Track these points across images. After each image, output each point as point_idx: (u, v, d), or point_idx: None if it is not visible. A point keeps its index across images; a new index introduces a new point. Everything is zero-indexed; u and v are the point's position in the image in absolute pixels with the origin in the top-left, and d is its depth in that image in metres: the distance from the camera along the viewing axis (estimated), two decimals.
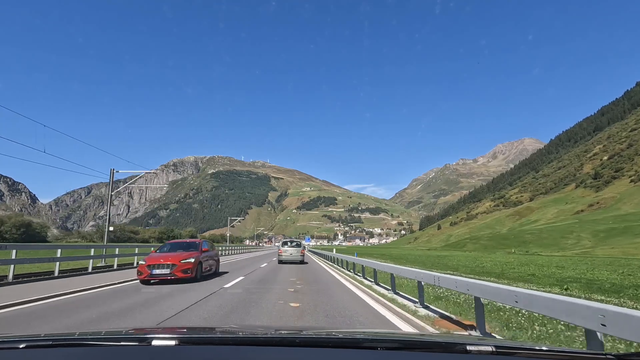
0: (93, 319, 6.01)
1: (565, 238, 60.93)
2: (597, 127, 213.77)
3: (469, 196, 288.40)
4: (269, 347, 1.38)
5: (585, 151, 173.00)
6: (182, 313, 6.39)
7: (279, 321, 5.85)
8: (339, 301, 7.90)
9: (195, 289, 9.55)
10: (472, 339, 1.62)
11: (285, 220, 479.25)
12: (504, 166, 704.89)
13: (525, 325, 5.45)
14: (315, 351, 1.33)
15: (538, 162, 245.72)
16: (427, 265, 23.57)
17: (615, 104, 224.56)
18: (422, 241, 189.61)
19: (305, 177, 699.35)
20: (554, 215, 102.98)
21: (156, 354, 1.26)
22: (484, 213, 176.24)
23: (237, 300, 7.77)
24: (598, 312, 2.68)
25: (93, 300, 7.99)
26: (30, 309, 6.91)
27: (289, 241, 23.86)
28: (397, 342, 1.40)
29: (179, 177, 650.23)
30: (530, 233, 66.10)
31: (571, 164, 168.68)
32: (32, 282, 11.16)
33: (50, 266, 14.46)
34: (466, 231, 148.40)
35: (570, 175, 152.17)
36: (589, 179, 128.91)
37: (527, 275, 16.12)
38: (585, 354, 1.26)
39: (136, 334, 1.64)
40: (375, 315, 6.49)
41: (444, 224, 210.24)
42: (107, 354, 1.28)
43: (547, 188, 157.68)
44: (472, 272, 17.76)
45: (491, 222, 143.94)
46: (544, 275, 15.83)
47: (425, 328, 5.54)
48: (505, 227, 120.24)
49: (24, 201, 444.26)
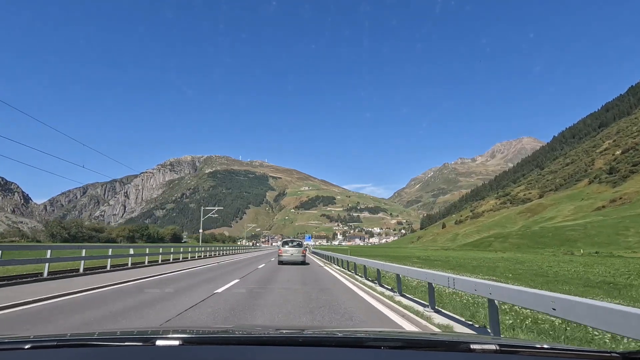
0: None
1: (622, 235, 54.09)
2: (602, 123, 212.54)
3: (471, 194, 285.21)
4: (272, 347, 1.37)
5: (593, 146, 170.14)
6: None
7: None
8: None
9: None
10: (475, 338, 1.63)
11: (283, 220, 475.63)
12: (502, 165, 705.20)
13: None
14: (319, 350, 1.33)
15: (542, 159, 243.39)
16: (486, 273, 17.63)
17: (620, 100, 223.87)
18: (426, 240, 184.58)
19: (304, 176, 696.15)
20: (572, 212, 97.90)
21: (160, 354, 1.26)
22: (490, 211, 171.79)
23: None
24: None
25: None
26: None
27: (289, 241, 23.32)
28: (401, 341, 1.39)
29: (176, 177, 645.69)
30: (572, 230, 59.30)
31: (580, 160, 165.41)
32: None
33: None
34: (474, 229, 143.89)
35: (580, 171, 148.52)
36: (603, 174, 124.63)
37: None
38: (590, 352, 1.24)
39: (140, 334, 1.63)
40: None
41: (448, 222, 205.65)
42: (111, 354, 1.28)
43: (556, 184, 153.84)
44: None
45: (500, 219, 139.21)
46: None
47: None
48: (517, 224, 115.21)
49: (17, 201, 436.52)
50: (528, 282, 12.49)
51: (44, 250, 12.68)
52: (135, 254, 18.70)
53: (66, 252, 16.53)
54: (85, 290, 8.83)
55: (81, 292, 8.58)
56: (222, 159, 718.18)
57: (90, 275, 13.02)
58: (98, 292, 8.76)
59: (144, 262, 19.47)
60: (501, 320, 4.97)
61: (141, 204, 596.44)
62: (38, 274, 12.04)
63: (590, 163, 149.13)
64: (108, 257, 15.51)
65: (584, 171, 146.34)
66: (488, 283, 4.62)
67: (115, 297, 8.09)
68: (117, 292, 8.91)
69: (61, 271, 13.13)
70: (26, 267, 13.23)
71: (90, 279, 11.64)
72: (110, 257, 15.64)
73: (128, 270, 15.55)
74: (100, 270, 14.65)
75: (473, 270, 19.38)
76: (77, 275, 12.55)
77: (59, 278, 11.61)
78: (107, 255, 15.63)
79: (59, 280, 11.00)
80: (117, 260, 17.37)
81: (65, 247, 16.65)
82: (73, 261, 14.11)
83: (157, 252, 22.01)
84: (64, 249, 16.01)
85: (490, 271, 19.01)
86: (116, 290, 9.24)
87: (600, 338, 4.22)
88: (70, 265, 14.87)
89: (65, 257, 14.15)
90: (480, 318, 5.64)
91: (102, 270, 14.54)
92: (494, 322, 4.49)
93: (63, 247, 15.96)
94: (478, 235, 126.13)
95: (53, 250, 12.60)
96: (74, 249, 16.42)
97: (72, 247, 17.25)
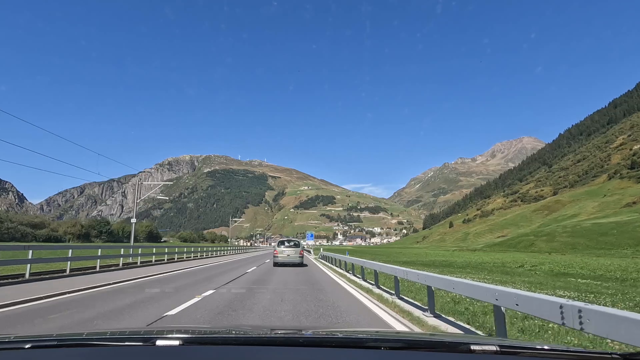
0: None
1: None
2: (611, 120, 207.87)
3: (475, 193, 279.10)
4: (272, 347, 1.37)
5: (606, 142, 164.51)
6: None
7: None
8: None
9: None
10: (476, 339, 1.59)
11: (282, 219, 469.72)
12: (503, 165, 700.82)
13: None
14: (319, 351, 1.32)
15: (548, 157, 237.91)
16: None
17: (628, 96, 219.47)
18: (433, 240, 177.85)
19: (303, 176, 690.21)
20: (597, 208, 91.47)
21: (160, 354, 1.26)
22: (500, 209, 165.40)
23: None
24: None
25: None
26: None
27: (285, 241, 22.15)
28: (401, 341, 1.37)
29: (174, 176, 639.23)
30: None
31: (593, 156, 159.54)
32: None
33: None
34: (485, 228, 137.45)
35: (596, 167, 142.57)
36: (624, 169, 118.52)
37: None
38: (590, 353, 1.23)
39: (140, 334, 1.63)
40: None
41: (455, 221, 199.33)
42: (111, 354, 1.28)
43: (570, 181, 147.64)
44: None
45: (514, 218, 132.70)
46: None
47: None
48: (534, 223, 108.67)
49: (11, 200, 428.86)
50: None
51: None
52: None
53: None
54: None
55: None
56: (220, 158, 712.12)
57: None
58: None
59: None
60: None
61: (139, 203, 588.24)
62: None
63: (606, 158, 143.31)
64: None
65: (599, 167, 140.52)
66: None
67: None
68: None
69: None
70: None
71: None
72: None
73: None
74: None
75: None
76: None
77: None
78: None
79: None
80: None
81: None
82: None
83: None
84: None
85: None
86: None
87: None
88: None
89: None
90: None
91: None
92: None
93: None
94: (491, 235, 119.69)
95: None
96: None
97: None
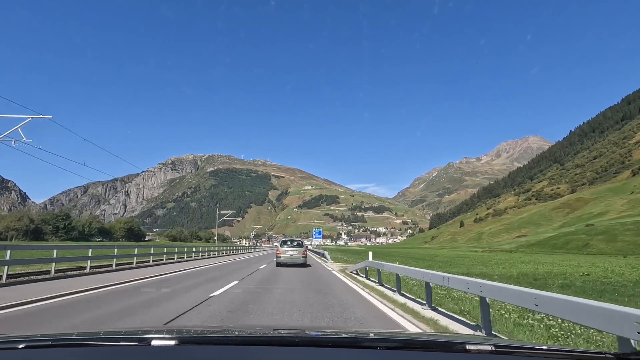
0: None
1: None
2: (625, 116, 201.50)
3: (484, 192, 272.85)
4: (269, 347, 1.36)
5: (623, 138, 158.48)
6: None
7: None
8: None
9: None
10: (471, 338, 1.57)
11: (285, 219, 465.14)
12: (508, 164, 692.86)
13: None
14: (316, 351, 1.32)
15: (560, 155, 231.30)
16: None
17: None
18: (444, 240, 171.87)
19: (307, 175, 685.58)
20: (626, 206, 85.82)
21: (156, 354, 1.25)
22: (513, 208, 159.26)
23: None
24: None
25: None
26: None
27: (288, 240, 21.66)
28: (397, 341, 1.38)
29: (177, 176, 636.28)
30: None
31: (611, 152, 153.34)
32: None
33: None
34: (500, 227, 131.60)
35: (616, 163, 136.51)
36: None
37: None
38: (585, 353, 1.24)
39: (136, 334, 1.61)
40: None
41: (466, 220, 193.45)
42: (106, 354, 1.27)
43: (588, 178, 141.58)
44: None
45: (531, 216, 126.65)
46: None
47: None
48: (555, 221, 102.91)
49: (14, 199, 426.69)
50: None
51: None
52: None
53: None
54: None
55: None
56: (224, 157, 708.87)
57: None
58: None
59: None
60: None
61: (142, 202, 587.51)
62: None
63: (627, 154, 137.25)
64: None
65: (620, 163, 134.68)
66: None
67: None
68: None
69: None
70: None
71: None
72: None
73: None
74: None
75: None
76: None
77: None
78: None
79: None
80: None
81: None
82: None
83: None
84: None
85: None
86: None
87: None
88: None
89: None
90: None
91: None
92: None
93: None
94: (508, 235, 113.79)
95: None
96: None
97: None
